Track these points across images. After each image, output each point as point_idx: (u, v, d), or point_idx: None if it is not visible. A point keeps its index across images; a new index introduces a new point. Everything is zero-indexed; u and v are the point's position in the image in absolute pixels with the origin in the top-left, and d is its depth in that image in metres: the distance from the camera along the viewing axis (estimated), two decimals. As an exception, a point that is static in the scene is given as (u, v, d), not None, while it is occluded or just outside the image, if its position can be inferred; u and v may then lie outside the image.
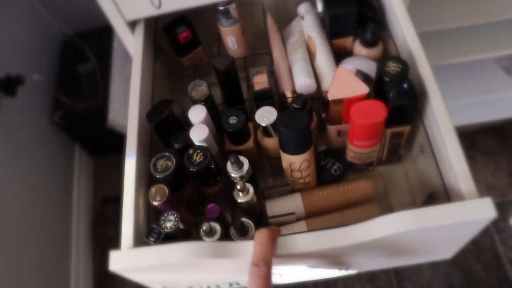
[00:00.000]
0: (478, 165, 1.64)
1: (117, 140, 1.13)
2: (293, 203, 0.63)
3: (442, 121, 0.54)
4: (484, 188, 1.58)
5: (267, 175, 0.72)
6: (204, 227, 0.54)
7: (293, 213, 0.62)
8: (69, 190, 1.63)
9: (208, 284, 0.65)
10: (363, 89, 0.58)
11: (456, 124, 0.53)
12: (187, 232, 0.56)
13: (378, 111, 0.55)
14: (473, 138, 1.70)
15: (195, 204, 0.66)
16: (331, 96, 0.59)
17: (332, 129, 0.65)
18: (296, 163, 0.59)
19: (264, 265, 0.44)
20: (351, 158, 0.65)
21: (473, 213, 0.45)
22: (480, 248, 1.49)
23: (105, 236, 1.68)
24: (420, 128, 0.62)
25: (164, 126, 0.62)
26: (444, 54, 1.37)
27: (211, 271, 0.57)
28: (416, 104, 0.57)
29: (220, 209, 0.59)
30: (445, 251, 0.63)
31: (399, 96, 0.55)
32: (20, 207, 1.32)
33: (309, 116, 0.62)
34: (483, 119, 1.69)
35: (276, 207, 0.63)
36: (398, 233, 0.46)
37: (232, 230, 0.55)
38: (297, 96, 0.60)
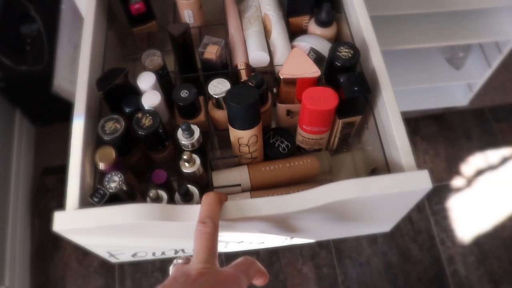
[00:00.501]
0: (419, 151, 1.72)
1: (62, 108, 1.08)
2: (239, 175, 0.63)
3: (391, 109, 0.56)
4: (423, 172, 1.66)
5: (216, 146, 0.72)
6: (151, 193, 0.53)
7: (239, 185, 0.63)
8: (8, 158, 1.56)
9: (153, 251, 0.65)
10: (315, 71, 0.59)
11: (401, 110, 0.56)
12: (131, 195, 0.55)
13: (329, 98, 0.57)
14: (416, 124, 1.78)
15: (142, 170, 0.65)
16: (282, 74, 0.60)
17: (281, 108, 0.66)
18: (244, 138, 0.59)
19: (210, 222, 0.44)
20: (299, 142, 0.66)
21: (410, 183, 0.48)
22: (416, 229, 1.58)
23: (45, 207, 1.63)
24: (370, 116, 0.64)
25: (114, 94, 0.60)
26: (390, 39, 1.42)
27: (156, 235, 0.57)
28: (368, 96, 0.58)
29: (167, 175, 0.59)
30: (385, 223, 0.66)
31: (351, 88, 0.56)
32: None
33: (263, 96, 0.62)
34: (427, 107, 1.78)
35: (222, 178, 0.63)
36: (342, 200, 0.48)
37: (177, 196, 0.55)
38: (253, 74, 0.60)
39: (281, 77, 0.60)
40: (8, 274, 1.41)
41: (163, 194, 0.56)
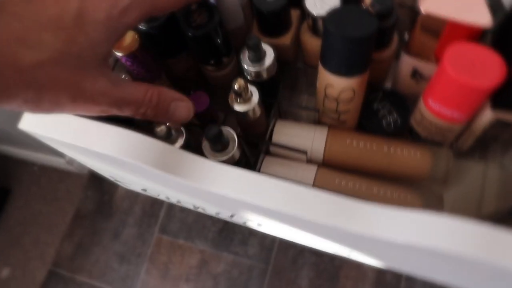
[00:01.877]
0: None
1: None
2: (312, 138, 0.43)
3: None
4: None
5: (301, 88, 0.52)
6: (159, 129, 0.36)
7: (305, 152, 0.43)
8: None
9: (165, 195, 0.49)
10: (483, 18, 0.35)
11: None
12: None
13: (490, 69, 0.32)
14: None
15: (189, 85, 0.48)
16: (426, 7, 0.36)
17: (406, 62, 0.43)
18: (334, 88, 0.39)
19: None
20: (416, 122, 0.43)
21: None
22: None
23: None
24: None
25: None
26: None
27: (159, 182, 0.40)
28: None
29: (209, 104, 0.41)
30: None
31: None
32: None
33: (385, 34, 0.40)
34: None
35: (287, 134, 0.44)
36: (446, 251, 0.26)
37: (204, 140, 0.37)
38: None
39: (422, 12, 0.36)
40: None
41: (182, 133, 0.38)
